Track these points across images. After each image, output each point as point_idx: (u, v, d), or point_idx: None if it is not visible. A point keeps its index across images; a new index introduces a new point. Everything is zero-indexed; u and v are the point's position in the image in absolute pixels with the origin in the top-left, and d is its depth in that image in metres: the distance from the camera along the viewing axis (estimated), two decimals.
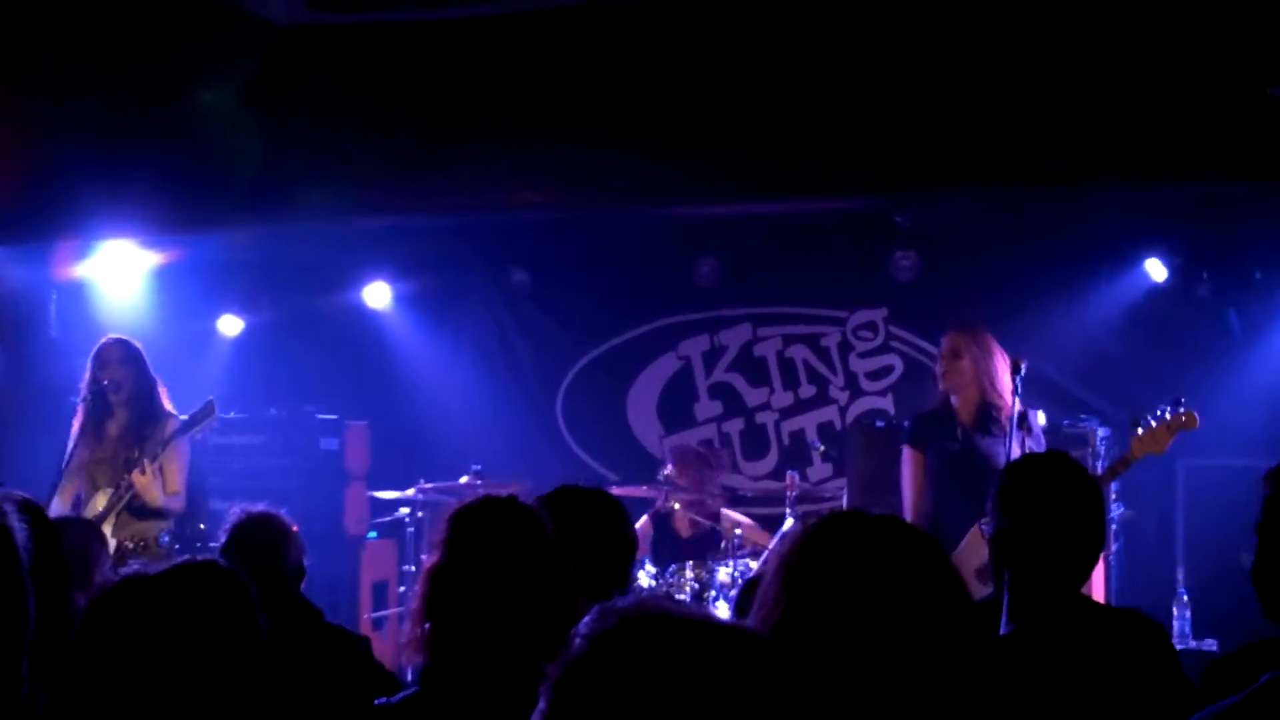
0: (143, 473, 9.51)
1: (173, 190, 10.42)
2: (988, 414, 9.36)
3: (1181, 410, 8.92)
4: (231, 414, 12.51)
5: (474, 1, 8.19)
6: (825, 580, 2.93)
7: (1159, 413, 8.93)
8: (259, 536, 6.71)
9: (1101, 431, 11.08)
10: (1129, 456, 9.02)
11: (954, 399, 9.48)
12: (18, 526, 3.35)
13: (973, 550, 8.63)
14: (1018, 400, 8.98)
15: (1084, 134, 9.17)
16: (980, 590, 5.91)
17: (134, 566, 3.31)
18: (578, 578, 4.43)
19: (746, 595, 6.40)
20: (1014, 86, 9.14)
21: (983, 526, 6.40)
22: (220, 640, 3.20)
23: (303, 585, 6.91)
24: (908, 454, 9.67)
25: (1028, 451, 8.73)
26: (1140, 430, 8.95)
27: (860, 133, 9.56)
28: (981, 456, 9.19)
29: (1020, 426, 9.07)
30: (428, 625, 4.30)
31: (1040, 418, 10.12)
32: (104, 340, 9.99)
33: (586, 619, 2.25)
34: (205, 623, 3.19)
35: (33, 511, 4.86)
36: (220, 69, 9.63)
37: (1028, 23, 8.85)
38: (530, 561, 4.26)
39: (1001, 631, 4.72)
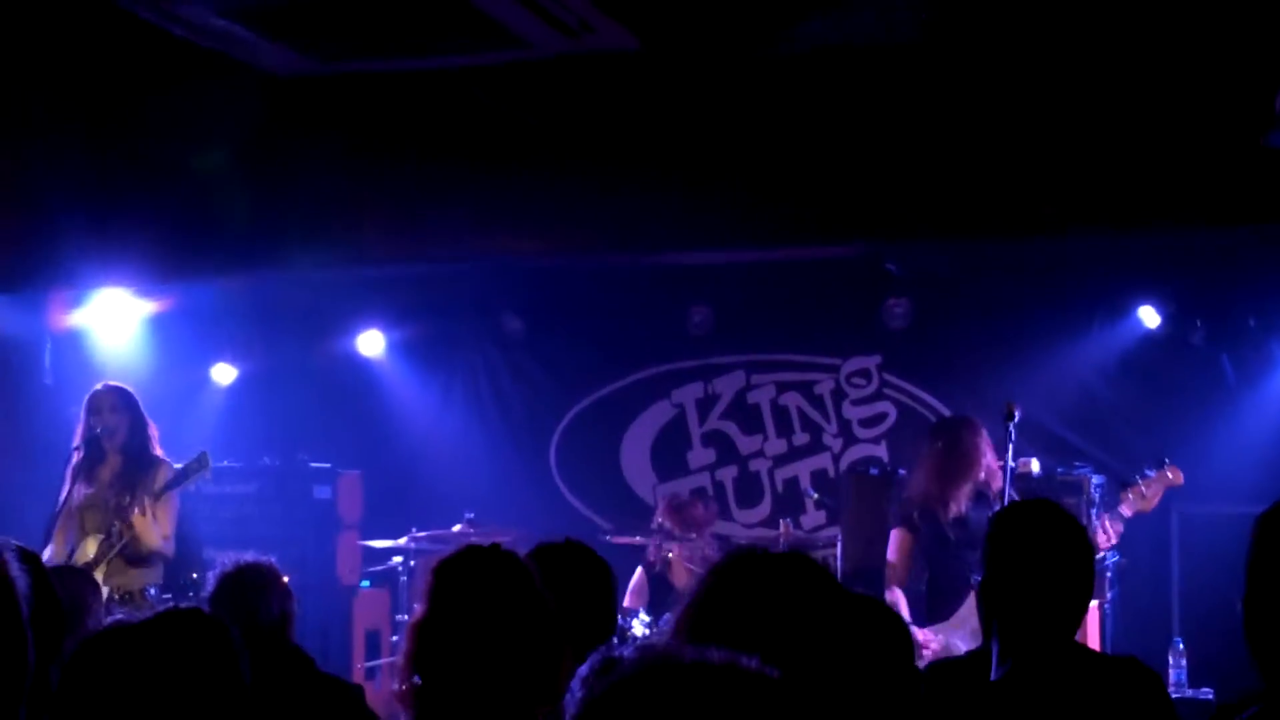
0: (142, 513, 9.48)
1: (166, 240, 10.43)
2: (980, 491, 9.51)
3: (1165, 467, 9.05)
4: (225, 463, 12.49)
5: (468, 51, 8.20)
6: (720, 621, 2.96)
7: (1146, 473, 9.13)
8: (245, 585, 6.70)
9: (1095, 479, 11.06)
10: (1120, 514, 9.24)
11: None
12: (19, 575, 3.34)
13: (971, 610, 8.68)
14: (1011, 449, 8.97)
15: (1077, 182, 9.18)
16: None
17: (118, 615, 3.31)
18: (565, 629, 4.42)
19: None
20: (1006, 135, 9.15)
21: (973, 577, 6.42)
22: (204, 687, 3.18)
23: (295, 634, 6.89)
24: (899, 535, 9.84)
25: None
26: (1129, 493, 9.13)
27: (853, 181, 9.58)
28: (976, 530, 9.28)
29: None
30: (416, 679, 4.28)
31: (1034, 465, 10.17)
32: (97, 387, 9.99)
33: (590, 665, 2.25)
34: (189, 670, 3.18)
35: (30, 560, 4.85)
36: (215, 119, 9.64)
37: (1019, 71, 8.87)
38: (516, 610, 4.24)
39: (993, 678, 4.71)
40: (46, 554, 9.33)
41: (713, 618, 2.99)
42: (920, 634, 9.21)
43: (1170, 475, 9.21)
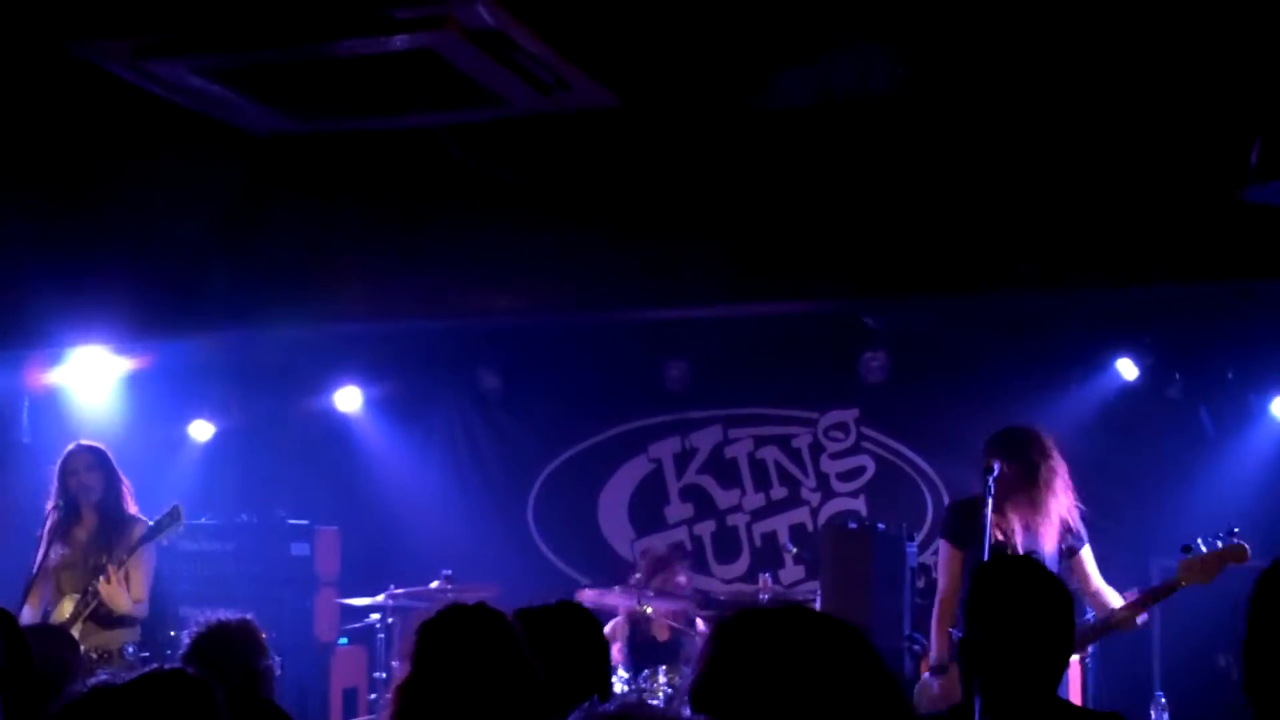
0: (108, 580, 9.44)
1: (144, 298, 10.40)
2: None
3: (1235, 540, 8.71)
4: (202, 520, 12.46)
5: (445, 108, 8.21)
6: (732, 677, 2.96)
7: (1209, 541, 8.74)
8: (222, 643, 6.67)
9: None
10: (1175, 582, 8.80)
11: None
12: None
13: None
14: (990, 503, 8.90)
15: (1053, 236, 9.19)
16: None
17: (102, 676, 3.29)
18: (553, 690, 4.40)
19: None
20: (983, 189, 9.16)
21: (954, 632, 6.37)
22: None
23: (272, 692, 6.86)
24: (945, 550, 9.42)
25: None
26: (1189, 556, 8.76)
27: (829, 236, 9.58)
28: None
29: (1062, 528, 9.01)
30: None
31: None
32: (72, 446, 9.96)
33: None
34: None
35: (3, 621, 4.82)
36: (192, 177, 9.64)
37: (996, 126, 8.90)
38: (500, 671, 4.22)
39: None
40: (23, 615, 9.30)
41: (723, 677, 2.99)
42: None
43: (1236, 551, 8.70)
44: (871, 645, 3.08)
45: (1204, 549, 8.68)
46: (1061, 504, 9.07)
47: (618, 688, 9.97)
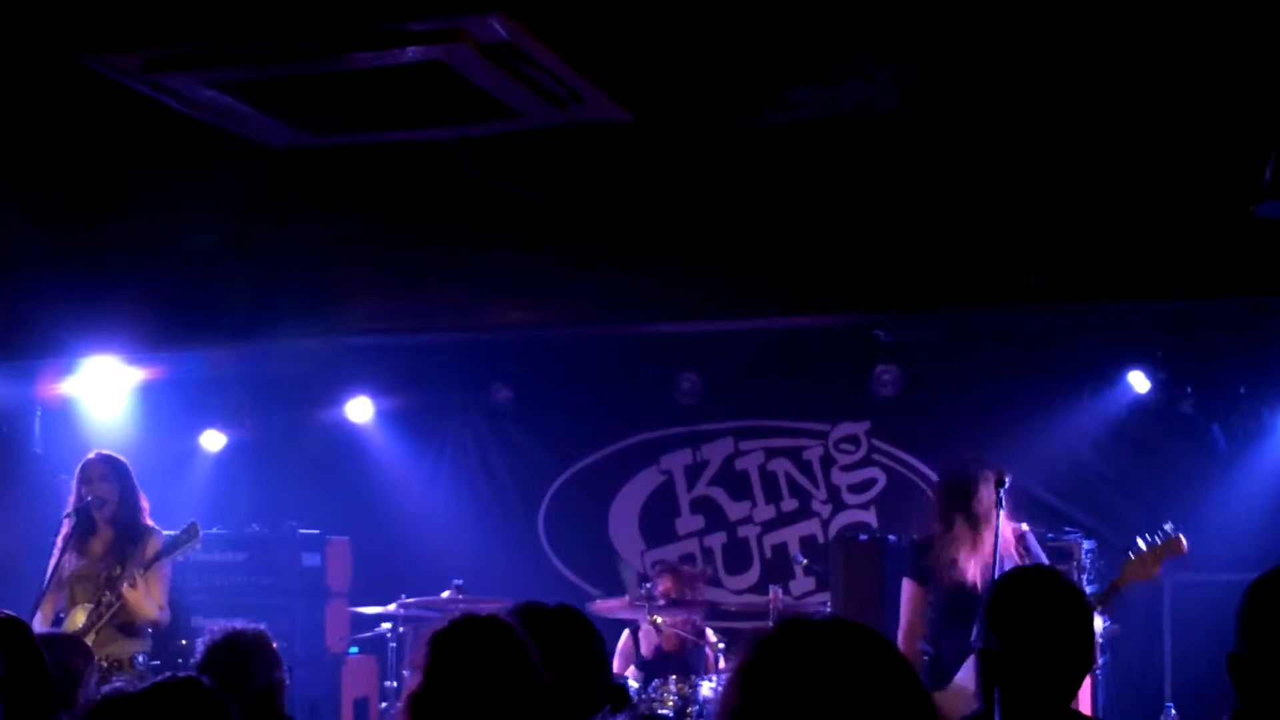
0: (133, 586, 9.44)
1: (157, 310, 10.40)
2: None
3: (1170, 535, 8.85)
4: (214, 530, 12.46)
5: (457, 121, 8.21)
6: (776, 685, 2.95)
7: (1148, 538, 8.87)
8: (234, 653, 6.68)
9: (1086, 545, 11.05)
10: (1118, 582, 8.93)
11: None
12: None
13: (970, 676, 8.52)
14: (1002, 515, 8.92)
15: (1064, 250, 9.19)
16: None
17: (116, 684, 3.30)
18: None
19: None
20: (994, 204, 9.16)
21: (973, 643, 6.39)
22: None
23: (284, 702, 6.87)
24: (907, 587, 9.55)
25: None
26: (1131, 556, 8.89)
27: (840, 251, 9.58)
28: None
29: (1018, 549, 9.04)
30: None
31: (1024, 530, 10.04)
32: (89, 456, 9.96)
33: None
34: None
35: (14, 630, 4.83)
36: (206, 190, 9.64)
37: (1007, 141, 8.89)
38: (511, 683, 4.22)
39: None
40: (34, 622, 9.29)
41: (762, 689, 2.99)
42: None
43: (1173, 544, 8.93)
44: (908, 662, 3.08)
45: (1143, 547, 8.82)
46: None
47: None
